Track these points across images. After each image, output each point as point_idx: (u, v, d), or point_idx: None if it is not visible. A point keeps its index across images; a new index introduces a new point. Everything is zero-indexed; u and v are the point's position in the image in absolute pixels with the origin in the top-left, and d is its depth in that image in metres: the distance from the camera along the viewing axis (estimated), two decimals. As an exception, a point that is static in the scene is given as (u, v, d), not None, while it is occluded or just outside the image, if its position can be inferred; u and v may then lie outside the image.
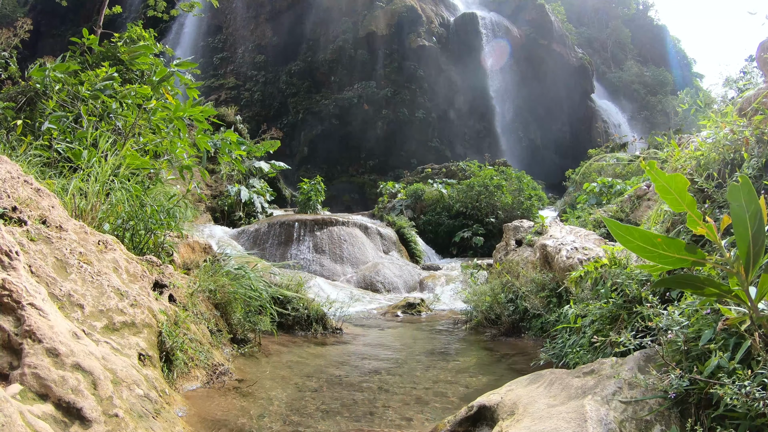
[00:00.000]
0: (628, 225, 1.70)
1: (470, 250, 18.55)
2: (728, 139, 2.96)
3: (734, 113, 3.43)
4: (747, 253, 1.64)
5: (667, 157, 3.59)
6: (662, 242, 1.73)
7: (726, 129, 3.04)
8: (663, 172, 1.68)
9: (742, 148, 2.87)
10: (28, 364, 2.57)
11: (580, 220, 11.63)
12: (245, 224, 17.00)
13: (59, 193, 6.12)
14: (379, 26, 39.95)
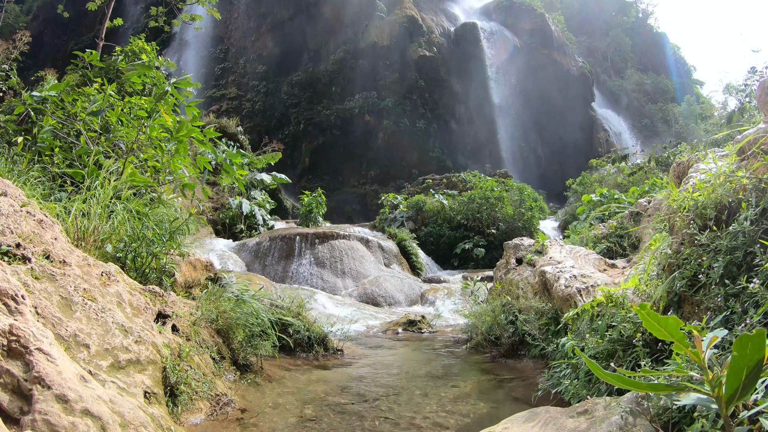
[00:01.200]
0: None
1: (471, 261, 18.61)
2: (725, 189, 3.01)
3: (734, 151, 3.48)
4: (732, 394, 1.69)
5: (665, 197, 3.63)
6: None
7: (722, 178, 3.10)
8: (655, 314, 1.76)
9: (739, 193, 2.93)
10: (39, 410, 2.62)
11: (580, 237, 11.69)
12: (247, 237, 17.09)
13: (61, 213, 6.20)
14: (380, 37, 40.13)
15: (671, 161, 21.35)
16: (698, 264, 2.90)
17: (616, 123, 54.12)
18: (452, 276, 17.00)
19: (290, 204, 27.24)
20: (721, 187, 3.00)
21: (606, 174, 25.06)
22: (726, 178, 3.03)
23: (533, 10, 49.51)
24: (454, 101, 41.26)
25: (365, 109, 37.90)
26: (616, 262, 8.93)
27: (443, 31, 44.31)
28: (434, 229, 19.60)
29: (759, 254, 2.62)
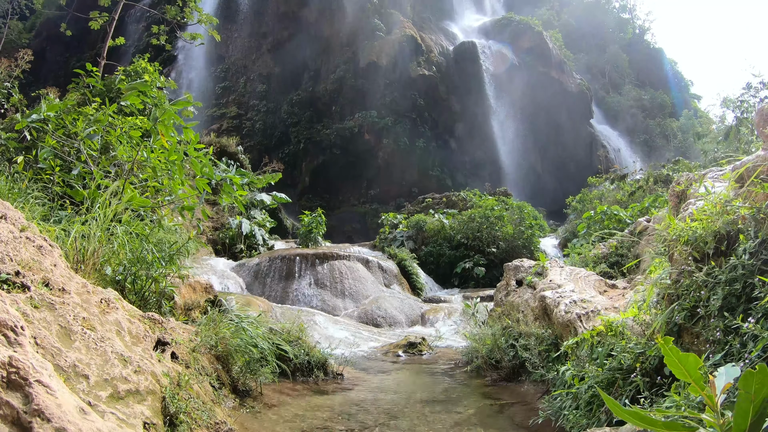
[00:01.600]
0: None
1: (472, 280, 18.57)
2: (724, 221, 3.02)
3: (733, 178, 3.50)
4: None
5: (663, 228, 3.65)
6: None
7: (719, 207, 3.11)
8: (677, 350, 1.77)
9: (738, 222, 2.93)
10: (37, 445, 2.61)
11: (581, 256, 11.70)
12: (246, 257, 17.06)
13: (61, 236, 6.21)
14: (379, 56, 40.42)
15: (671, 178, 21.43)
16: (697, 297, 2.91)
17: (614, 139, 54.29)
18: (453, 295, 16.96)
19: (290, 223, 27.23)
20: (720, 218, 3.00)
21: (605, 190, 25.10)
22: (724, 208, 3.04)
23: (531, 29, 49.89)
24: (454, 120, 41.46)
25: (365, 128, 38.06)
26: (616, 282, 8.93)
27: (442, 50, 44.63)
28: (434, 248, 19.58)
29: (758, 287, 2.62)
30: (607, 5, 77.16)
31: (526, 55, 47.86)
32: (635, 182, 23.75)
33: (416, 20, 45.56)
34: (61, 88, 30.41)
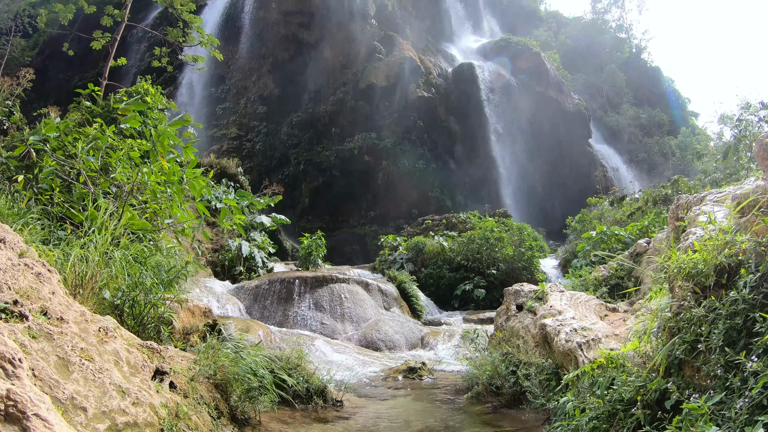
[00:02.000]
0: None
1: (472, 302, 18.53)
2: (725, 255, 3.02)
3: (733, 207, 3.50)
4: None
5: (663, 261, 3.64)
6: None
7: (720, 237, 3.11)
8: None
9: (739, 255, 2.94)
10: (33, 481, 2.58)
11: (581, 279, 11.68)
12: (246, 279, 17.02)
13: (60, 258, 6.21)
14: (378, 78, 40.71)
15: (670, 196, 21.48)
16: (698, 332, 2.90)
17: (613, 158, 54.48)
18: (453, 318, 16.91)
19: (290, 245, 27.20)
20: (721, 253, 3.01)
21: (605, 210, 25.14)
22: (725, 241, 3.04)
23: (529, 50, 50.33)
24: (453, 141, 41.63)
25: (365, 149, 38.18)
26: (617, 305, 8.90)
27: (441, 71, 44.97)
28: (434, 270, 19.56)
29: (759, 322, 2.61)
30: (604, 25, 77.95)
31: (524, 76, 48.23)
32: (634, 201, 23.81)
33: (415, 42, 45.95)
34: (63, 106, 30.52)
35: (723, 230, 3.21)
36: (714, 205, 5.88)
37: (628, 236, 16.94)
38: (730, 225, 3.31)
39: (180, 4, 23.91)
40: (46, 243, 7.30)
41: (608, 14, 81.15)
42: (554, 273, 21.85)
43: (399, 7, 47.43)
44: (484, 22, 66.77)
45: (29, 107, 36.55)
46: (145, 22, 47.16)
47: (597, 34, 74.05)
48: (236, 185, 23.80)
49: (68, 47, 26.08)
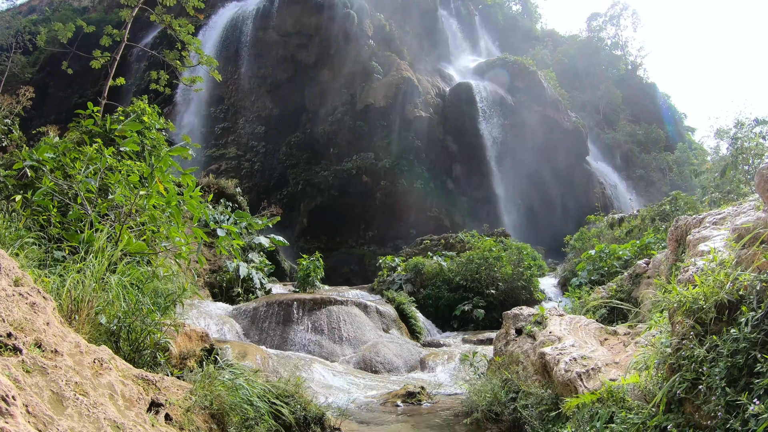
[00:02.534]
0: None
1: (471, 323, 18.44)
2: (726, 291, 3.00)
3: (733, 240, 3.49)
4: None
5: (663, 295, 3.62)
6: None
7: (722, 275, 3.09)
8: None
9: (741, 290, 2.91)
10: None
11: (580, 300, 11.64)
12: (244, 300, 16.95)
13: (56, 282, 6.19)
14: (376, 98, 40.88)
15: (668, 212, 21.49)
16: (699, 370, 2.87)
17: (611, 175, 54.64)
18: (452, 339, 16.82)
19: (288, 265, 27.11)
20: (722, 290, 2.98)
21: (603, 228, 25.14)
22: (726, 277, 3.02)
23: (526, 68, 50.64)
24: (451, 160, 41.72)
25: (363, 169, 38.23)
26: (617, 328, 8.84)
27: (438, 91, 45.20)
28: (433, 291, 19.49)
29: (761, 362, 2.58)
30: (600, 43, 78.56)
31: (521, 95, 48.48)
32: (633, 218, 23.83)
33: (413, 62, 46.25)
34: (63, 124, 30.58)
35: (723, 263, 3.19)
36: (713, 229, 5.87)
37: (627, 254, 16.91)
38: (731, 258, 3.29)
39: (179, 25, 24.12)
40: (42, 265, 7.28)
41: (603, 32, 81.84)
42: (554, 292, 21.80)
43: (397, 28, 47.83)
44: (481, 42, 67.36)
45: (29, 124, 36.67)
46: (145, 41, 47.53)
47: (593, 51, 74.64)
48: (234, 205, 23.78)
49: (67, 66, 26.25)
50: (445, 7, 61.05)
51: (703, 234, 5.46)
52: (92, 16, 55.63)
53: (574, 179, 47.49)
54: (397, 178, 37.87)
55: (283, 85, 44.58)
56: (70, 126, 14.73)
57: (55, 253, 7.82)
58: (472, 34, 66.51)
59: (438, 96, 44.43)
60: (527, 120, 46.97)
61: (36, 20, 67.53)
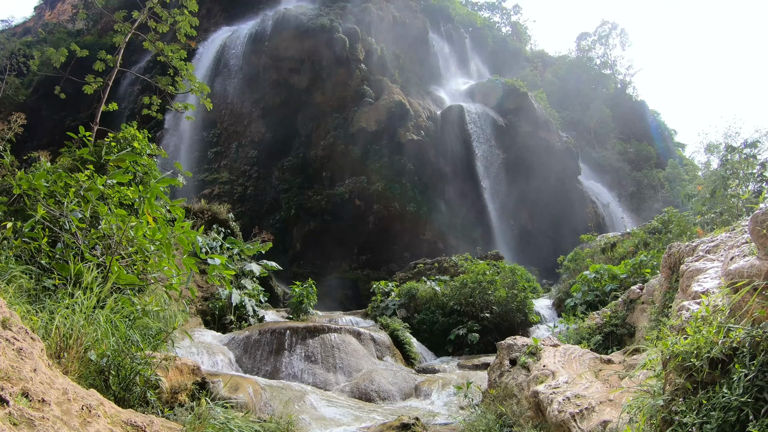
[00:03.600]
0: None
1: (466, 347, 18.35)
2: (717, 349, 2.99)
3: (725, 285, 3.48)
4: None
5: (654, 346, 3.60)
6: None
7: (713, 331, 3.08)
8: None
9: (734, 343, 2.90)
10: None
11: (575, 327, 11.61)
12: (237, 328, 16.81)
13: (45, 319, 6.14)
14: (368, 122, 41.05)
15: (662, 230, 21.56)
16: (690, 430, 2.84)
17: (603, 194, 54.86)
18: (447, 364, 16.72)
19: (281, 291, 26.96)
20: (713, 346, 2.96)
21: (597, 250, 25.17)
22: (719, 331, 3.00)
23: (516, 90, 51.07)
24: (444, 183, 41.81)
25: (355, 193, 38.23)
26: (612, 356, 8.80)
27: (430, 114, 45.46)
28: (427, 315, 19.42)
29: (752, 423, 2.56)
30: (589, 62, 79.54)
31: (512, 116, 48.84)
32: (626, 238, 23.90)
33: (404, 86, 46.59)
34: (56, 146, 30.39)
35: (716, 309, 3.18)
36: (706, 260, 5.88)
37: (622, 274, 16.94)
38: (723, 309, 3.28)
39: (171, 51, 24.21)
40: (32, 297, 7.20)
41: (593, 51, 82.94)
42: (548, 313, 21.75)
43: (388, 52, 48.26)
44: (472, 64, 68.06)
45: (22, 146, 36.52)
46: (138, 65, 47.77)
47: (582, 71, 75.52)
48: (227, 231, 23.70)
49: (60, 90, 26.23)
50: (435, 30, 61.73)
51: (697, 266, 5.46)
52: (86, 39, 55.89)
53: (566, 199, 47.66)
54: (390, 202, 37.89)
55: (276, 109, 44.76)
56: (62, 151, 14.68)
57: (46, 282, 7.78)
58: (463, 56, 67.23)
59: (430, 119, 44.67)
60: (519, 141, 47.27)
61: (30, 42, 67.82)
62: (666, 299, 7.98)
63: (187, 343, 13.32)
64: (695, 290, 4.06)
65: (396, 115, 41.58)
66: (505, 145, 46.39)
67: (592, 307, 16.87)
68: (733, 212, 15.37)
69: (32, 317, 6.12)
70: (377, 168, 39.23)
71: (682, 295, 5.82)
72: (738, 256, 3.90)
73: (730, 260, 3.95)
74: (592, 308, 16.80)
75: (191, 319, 17.00)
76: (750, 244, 4.38)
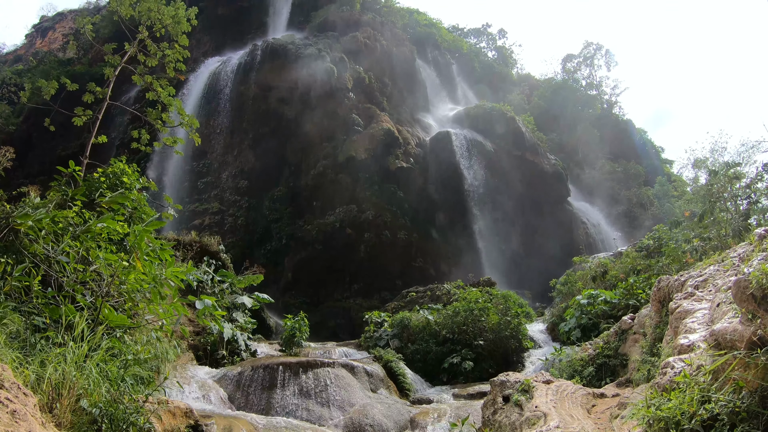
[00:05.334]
0: None
1: (461, 375, 18.28)
2: (698, 422, 3.02)
3: (710, 344, 3.52)
4: None
5: (641, 410, 3.63)
6: None
7: (696, 398, 3.11)
8: None
9: (715, 410, 2.93)
10: None
11: (568, 360, 11.64)
12: (229, 363, 16.66)
13: (36, 368, 6.11)
14: (358, 151, 41.20)
15: (653, 246, 21.70)
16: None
17: (593, 214, 55.17)
18: (442, 394, 16.66)
19: (273, 322, 26.80)
20: (693, 417, 2.99)
21: (587, 276, 25.26)
22: (700, 399, 3.04)
23: (504, 115, 51.53)
24: (434, 209, 41.90)
25: (346, 222, 38.19)
26: (605, 389, 8.82)
27: (419, 141, 45.72)
28: (421, 345, 19.37)
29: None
30: (575, 84, 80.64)
31: (500, 141, 49.18)
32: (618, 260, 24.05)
33: (393, 113, 46.90)
34: (46, 175, 30.09)
35: (700, 370, 3.22)
36: (694, 301, 5.93)
37: (614, 299, 17.02)
38: (706, 377, 3.31)
39: (160, 86, 24.32)
40: (22, 339, 7.13)
41: (578, 73, 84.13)
42: (542, 338, 21.76)
43: (376, 80, 48.70)
44: (459, 90, 68.81)
45: (13, 174, 36.29)
46: (128, 95, 47.86)
47: (568, 93, 76.45)
48: (218, 263, 23.60)
49: (50, 123, 26.16)
50: (422, 57, 62.50)
51: (685, 307, 5.52)
52: (77, 68, 56.02)
53: (557, 221, 47.88)
54: (381, 230, 37.88)
55: (265, 139, 44.87)
56: (52, 185, 14.64)
57: (36, 320, 7.74)
58: (450, 82, 68.01)
59: (418, 146, 44.94)
60: (507, 166, 47.58)
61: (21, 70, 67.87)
62: (656, 333, 8.03)
63: (179, 380, 13.22)
64: (681, 343, 4.11)
65: (385, 143, 41.80)
66: (494, 169, 46.65)
67: (587, 330, 16.93)
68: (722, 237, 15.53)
69: (24, 370, 6.12)
70: (368, 196, 39.28)
71: (672, 333, 5.87)
72: (724, 302, 3.96)
73: (716, 306, 4.01)
74: (586, 331, 16.87)
75: (183, 354, 16.85)
76: (735, 316, 4.44)
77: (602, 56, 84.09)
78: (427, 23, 75.28)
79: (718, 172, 17.26)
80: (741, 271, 3.57)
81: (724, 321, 3.54)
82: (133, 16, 22.64)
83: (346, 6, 56.57)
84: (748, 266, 3.55)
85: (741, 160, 19.87)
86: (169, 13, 22.83)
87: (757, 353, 2.95)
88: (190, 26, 23.23)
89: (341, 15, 55.41)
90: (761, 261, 3.39)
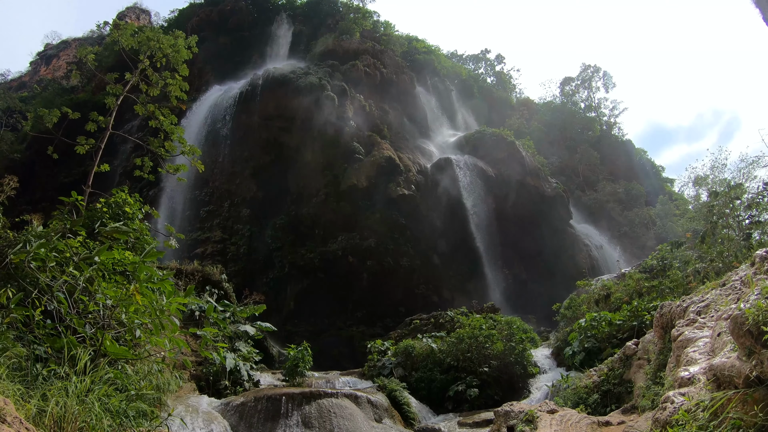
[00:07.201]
0: None
1: (466, 402, 18.12)
2: None
3: (709, 379, 3.51)
4: None
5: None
6: None
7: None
8: None
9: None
10: None
11: (572, 388, 11.53)
12: (231, 393, 16.53)
13: (38, 401, 6.09)
14: (359, 179, 41.33)
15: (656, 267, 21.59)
16: None
17: (596, 237, 55.09)
18: (447, 422, 16.47)
19: (276, 351, 26.60)
20: None
21: (591, 299, 25.14)
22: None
23: (504, 139, 51.73)
24: (436, 236, 41.79)
25: (348, 250, 38.11)
26: (610, 417, 8.73)
27: (420, 168, 45.81)
28: (425, 374, 19.21)
29: None
30: (574, 107, 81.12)
31: (501, 166, 49.27)
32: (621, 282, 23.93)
33: (393, 140, 47.13)
34: (48, 202, 30.04)
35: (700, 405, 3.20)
36: (696, 328, 5.91)
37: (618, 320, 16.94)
38: (705, 415, 3.29)
39: (162, 115, 24.54)
40: (24, 369, 7.09)
41: (577, 95, 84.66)
42: (548, 363, 21.56)
43: (376, 108, 49.09)
44: (459, 116, 69.29)
45: (15, 201, 36.23)
46: (131, 123, 48.23)
47: (567, 116, 76.98)
48: (220, 292, 23.56)
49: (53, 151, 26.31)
50: (422, 84, 63.08)
51: (687, 336, 5.50)
52: (80, 96, 56.49)
53: (559, 244, 47.78)
54: (383, 257, 37.80)
55: (267, 167, 45.04)
56: (54, 214, 14.69)
57: (38, 350, 7.71)
58: (450, 108, 68.51)
59: (420, 173, 45.04)
60: (508, 190, 47.61)
61: (25, 97, 68.35)
62: (660, 360, 7.98)
63: (181, 410, 13.09)
64: (682, 375, 4.09)
65: (386, 171, 41.95)
66: (496, 194, 46.68)
67: (591, 354, 16.79)
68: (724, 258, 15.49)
69: (26, 404, 6.11)
70: (369, 224, 39.28)
71: (674, 361, 5.84)
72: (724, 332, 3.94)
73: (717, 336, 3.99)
74: (591, 355, 16.72)
75: (185, 384, 16.72)
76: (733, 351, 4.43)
77: (600, 78, 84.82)
78: (426, 50, 76.09)
79: (719, 192, 17.31)
80: (741, 301, 3.56)
81: (723, 355, 3.53)
82: (134, 46, 22.94)
83: (346, 35, 57.33)
84: (744, 301, 3.54)
85: (741, 176, 19.92)
86: (168, 42, 23.09)
87: (756, 389, 2.94)
88: (191, 54, 23.49)
89: (341, 44, 56.16)
90: (757, 297, 3.39)
